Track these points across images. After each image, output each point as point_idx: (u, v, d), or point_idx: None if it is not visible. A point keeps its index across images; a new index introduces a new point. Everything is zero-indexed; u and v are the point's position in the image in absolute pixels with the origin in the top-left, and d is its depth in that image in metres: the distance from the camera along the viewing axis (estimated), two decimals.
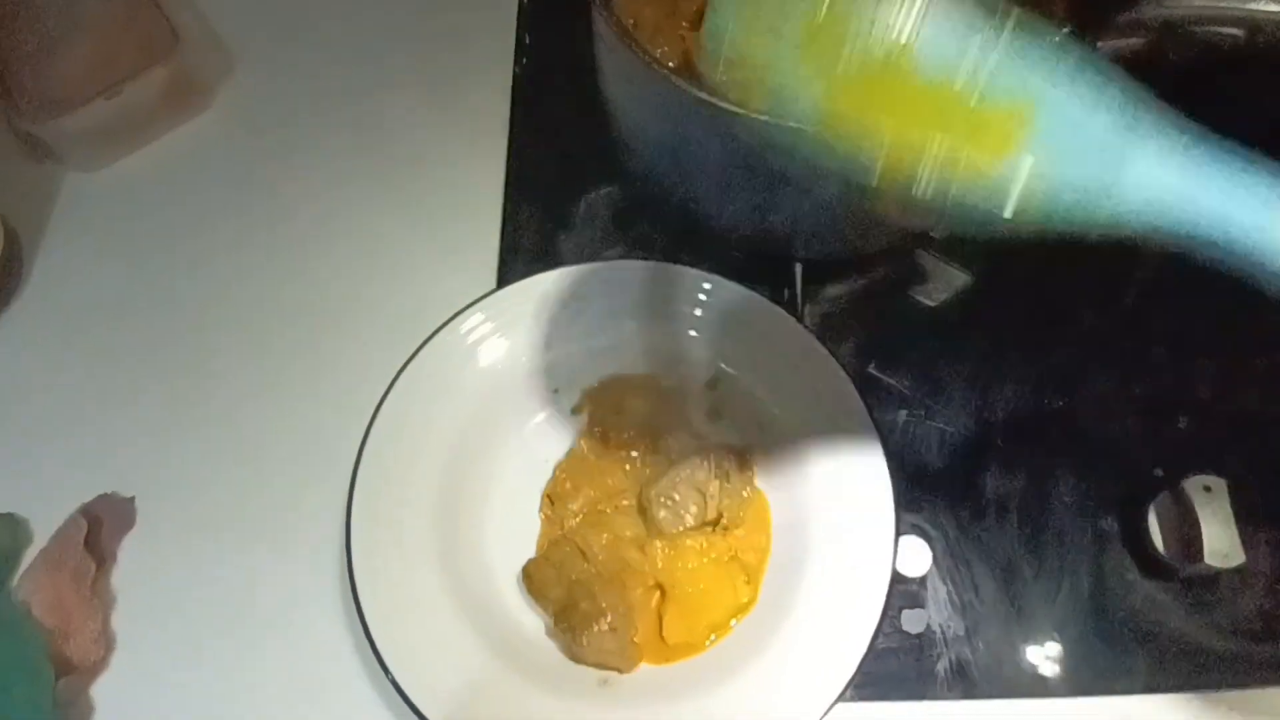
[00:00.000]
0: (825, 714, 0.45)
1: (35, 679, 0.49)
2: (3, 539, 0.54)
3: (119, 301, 0.62)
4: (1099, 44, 0.44)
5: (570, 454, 0.54)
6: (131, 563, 0.54)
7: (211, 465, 0.57)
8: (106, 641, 0.51)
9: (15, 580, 0.53)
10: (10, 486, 0.56)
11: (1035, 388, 0.57)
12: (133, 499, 0.56)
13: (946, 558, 0.53)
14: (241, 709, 0.50)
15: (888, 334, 0.59)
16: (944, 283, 0.61)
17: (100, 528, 0.54)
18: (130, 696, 0.51)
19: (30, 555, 0.53)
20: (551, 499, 0.53)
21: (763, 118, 0.42)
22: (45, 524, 0.54)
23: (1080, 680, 0.50)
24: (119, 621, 0.53)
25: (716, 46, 0.40)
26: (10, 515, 0.55)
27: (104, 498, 0.55)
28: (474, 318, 0.54)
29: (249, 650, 0.52)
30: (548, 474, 0.54)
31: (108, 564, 0.54)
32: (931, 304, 0.61)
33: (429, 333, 0.53)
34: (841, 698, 0.45)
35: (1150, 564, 0.52)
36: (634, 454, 0.53)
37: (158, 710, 0.51)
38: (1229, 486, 0.50)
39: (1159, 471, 0.54)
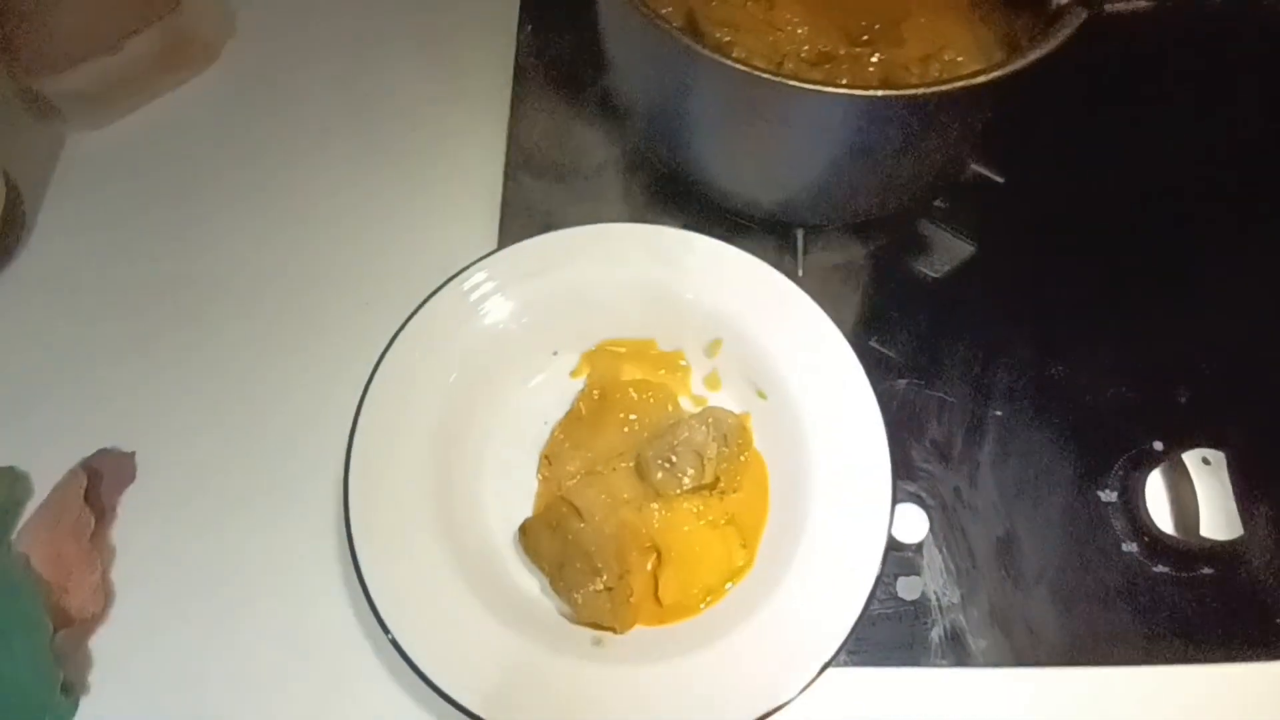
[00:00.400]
0: (817, 677, 0.45)
1: (34, 631, 0.49)
2: (4, 489, 0.54)
3: (122, 257, 0.62)
4: (1107, 6, 0.43)
5: (568, 415, 0.54)
6: (131, 517, 0.55)
7: (212, 421, 0.57)
8: (105, 594, 0.52)
9: (15, 533, 0.53)
10: (11, 440, 0.56)
11: (1036, 358, 0.57)
12: (133, 454, 0.56)
13: (943, 526, 0.52)
14: (238, 663, 0.51)
15: (889, 302, 0.59)
16: (946, 253, 0.61)
17: (100, 482, 0.54)
18: (128, 649, 0.51)
19: (31, 509, 0.54)
20: (549, 459, 0.53)
21: (766, 75, 0.42)
22: (46, 478, 0.54)
23: (1074, 650, 0.50)
24: (118, 575, 0.53)
25: None
26: (11, 468, 0.55)
27: (104, 452, 0.56)
28: (477, 276, 0.54)
29: (247, 604, 0.52)
30: (546, 435, 0.54)
31: (107, 518, 0.54)
32: (934, 274, 0.60)
33: (428, 292, 0.53)
34: (834, 662, 0.45)
35: (1147, 536, 0.51)
36: (632, 416, 0.53)
37: (155, 662, 0.51)
38: (1228, 460, 0.50)
39: (1158, 444, 0.54)
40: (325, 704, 0.50)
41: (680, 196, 0.59)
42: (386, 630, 0.45)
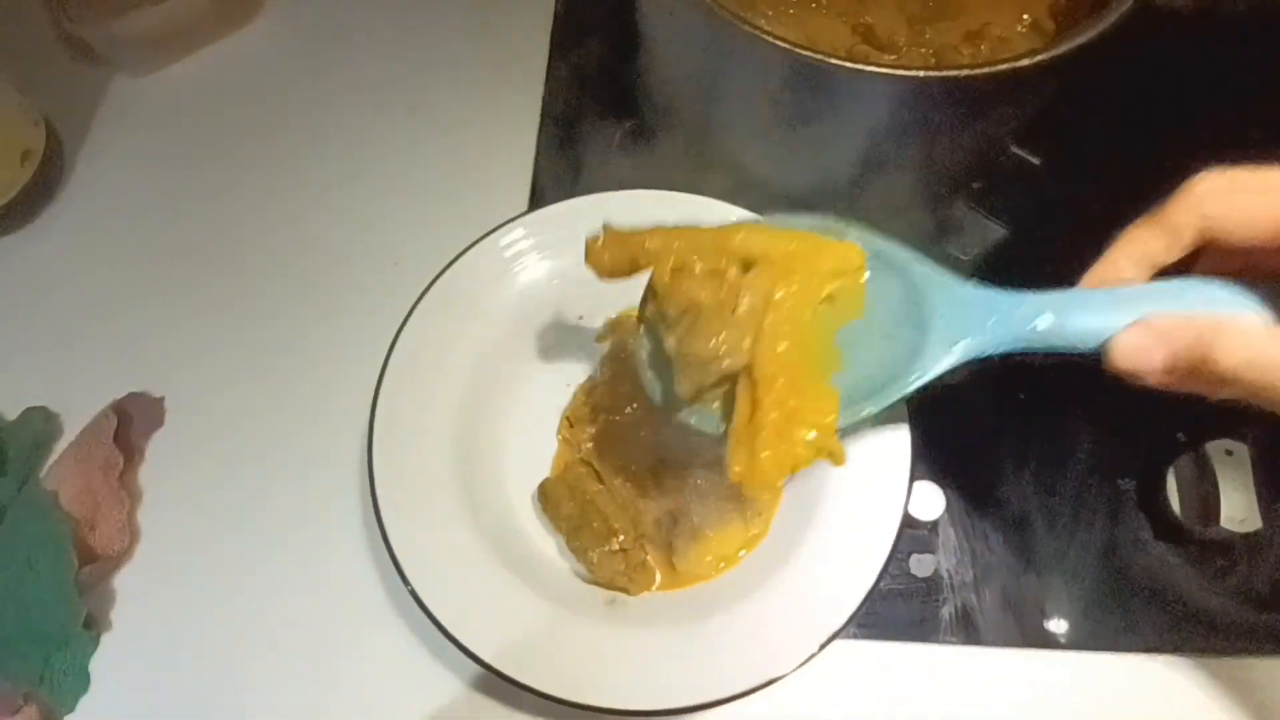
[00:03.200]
0: (824, 647, 0.45)
1: (60, 564, 0.50)
2: (35, 427, 0.55)
3: (158, 204, 0.63)
4: None
5: (591, 379, 0.55)
6: (159, 461, 0.56)
7: (241, 370, 0.58)
8: (131, 534, 0.53)
9: (45, 469, 0.54)
10: (44, 381, 0.57)
11: None
12: (162, 399, 0.57)
13: (960, 506, 0.53)
14: (259, 608, 0.52)
15: None
16: (978, 235, 0.60)
17: (130, 424, 0.56)
18: (150, 588, 0.52)
19: (60, 449, 0.55)
20: (570, 421, 0.53)
21: (804, 51, 0.42)
22: (76, 419, 0.56)
23: (1084, 636, 0.50)
24: (143, 517, 0.54)
25: None
26: (43, 408, 0.56)
27: (135, 395, 0.57)
28: (514, 233, 0.54)
29: (269, 551, 0.53)
30: (569, 396, 0.55)
31: (136, 460, 0.55)
32: (964, 257, 0.60)
33: (457, 252, 0.54)
34: (842, 633, 0.45)
35: (1166, 526, 0.51)
36: None
37: (176, 603, 0.52)
38: (1251, 452, 0.50)
39: (1181, 435, 0.53)
40: (343, 653, 0.51)
41: (712, 170, 0.58)
42: (406, 581, 0.46)
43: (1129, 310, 0.36)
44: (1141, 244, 0.37)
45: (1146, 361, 0.35)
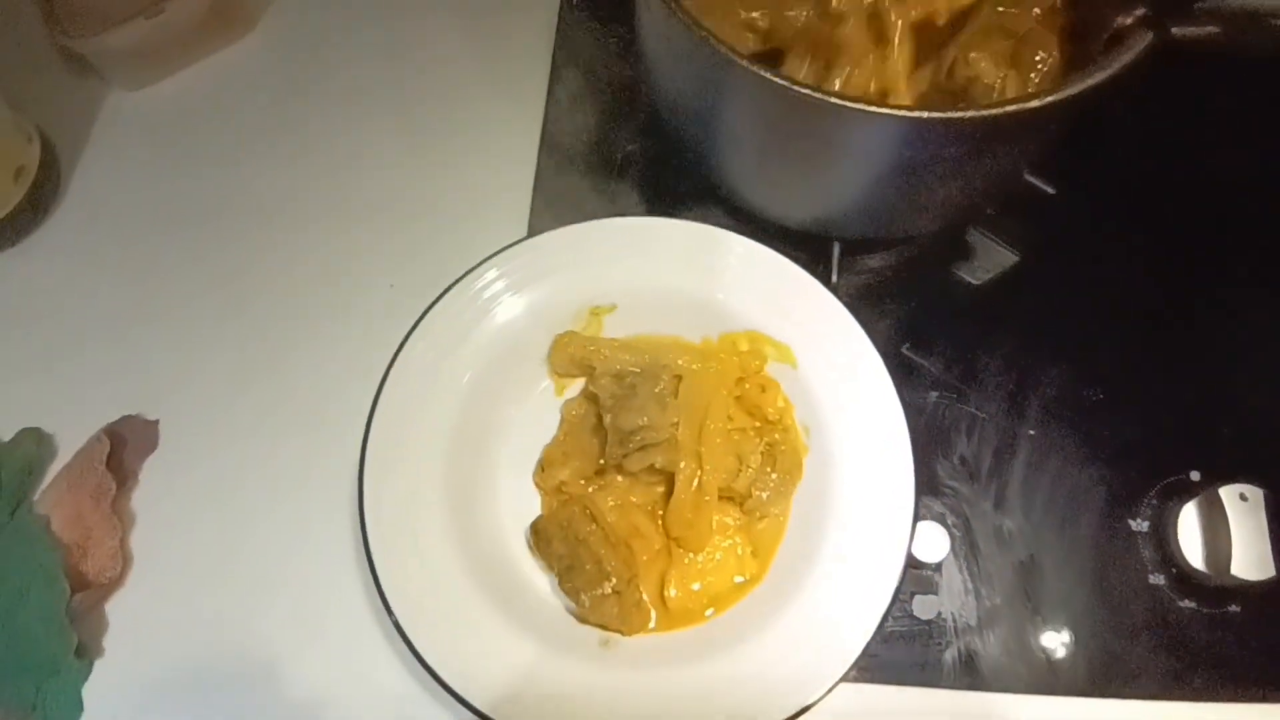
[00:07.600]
0: (828, 693, 0.44)
1: (51, 591, 0.50)
2: (27, 451, 0.55)
3: (152, 222, 0.63)
4: (1174, 30, 0.41)
5: (560, 424, 0.54)
6: (152, 484, 0.55)
7: (236, 394, 0.57)
8: (123, 560, 0.52)
9: (37, 494, 0.54)
10: (37, 402, 0.57)
11: (1074, 378, 0.55)
12: (156, 422, 0.56)
13: (965, 546, 0.51)
14: (252, 637, 0.51)
15: (925, 310, 0.58)
16: (990, 261, 0.59)
17: (123, 448, 0.55)
18: (143, 614, 0.52)
19: (54, 471, 0.54)
20: (542, 467, 0.52)
21: (805, 91, 0.40)
22: (70, 441, 0.55)
23: (1090, 681, 0.49)
24: (136, 542, 0.53)
25: None
26: (36, 429, 0.56)
27: (128, 419, 0.56)
28: (488, 274, 0.53)
29: (262, 579, 0.52)
30: None
31: (129, 484, 0.55)
32: (975, 282, 0.59)
33: (455, 277, 0.53)
34: (845, 678, 0.44)
35: (1176, 569, 0.50)
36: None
37: (169, 629, 0.51)
38: (1267, 498, 0.48)
39: (1195, 475, 0.52)
40: (335, 681, 0.50)
41: (711, 197, 0.57)
42: (398, 627, 0.45)
43: None
44: None
45: None
